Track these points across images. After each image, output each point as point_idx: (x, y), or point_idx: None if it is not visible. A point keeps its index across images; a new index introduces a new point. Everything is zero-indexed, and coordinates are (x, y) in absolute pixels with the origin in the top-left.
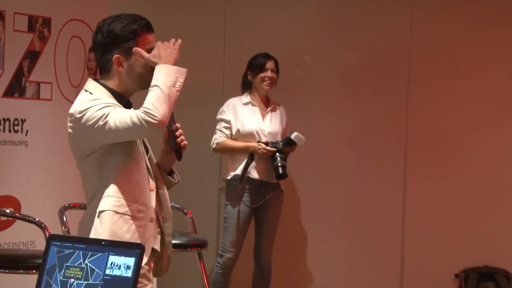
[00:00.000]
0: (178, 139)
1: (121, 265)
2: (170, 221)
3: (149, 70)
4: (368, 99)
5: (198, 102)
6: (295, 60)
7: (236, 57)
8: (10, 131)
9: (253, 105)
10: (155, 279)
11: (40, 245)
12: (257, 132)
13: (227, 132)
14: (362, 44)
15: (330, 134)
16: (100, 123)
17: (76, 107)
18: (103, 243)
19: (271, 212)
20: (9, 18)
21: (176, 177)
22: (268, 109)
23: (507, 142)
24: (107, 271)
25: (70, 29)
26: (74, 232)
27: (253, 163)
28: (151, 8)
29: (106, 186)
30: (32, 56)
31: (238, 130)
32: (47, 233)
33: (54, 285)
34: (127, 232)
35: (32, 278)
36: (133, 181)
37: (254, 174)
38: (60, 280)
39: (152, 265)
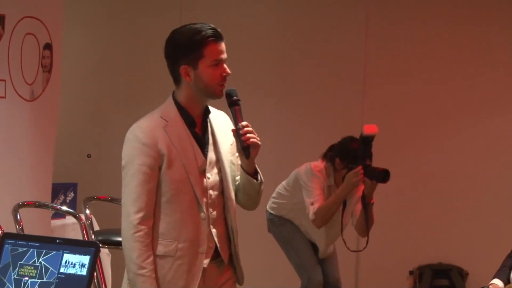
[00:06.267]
0: (243, 137)
1: (76, 263)
2: (235, 233)
3: (218, 79)
4: (323, 100)
5: (154, 101)
6: (250, 61)
7: None
8: None
9: (333, 187)
10: (109, 277)
11: None
12: None
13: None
14: (319, 49)
15: (285, 133)
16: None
17: (131, 130)
18: (57, 241)
19: None
20: None
21: (259, 177)
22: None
23: (460, 142)
24: (62, 269)
25: (24, 26)
26: (28, 231)
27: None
28: (106, 6)
29: None
30: None
31: None
32: (0, 232)
33: (8, 284)
34: (167, 273)
35: None
36: (171, 220)
37: None
38: (14, 278)
39: None
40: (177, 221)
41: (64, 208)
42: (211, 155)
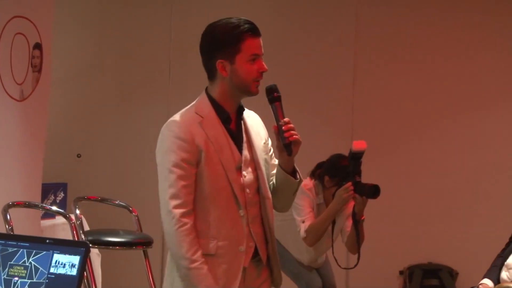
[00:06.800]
0: (286, 134)
1: (66, 263)
2: (273, 233)
3: (254, 75)
4: (312, 103)
5: (144, 101)
6: None
7: (181, 55)
8: None
9: (323, 205)
10: (99, 277)
11: None
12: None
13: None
14: (307, 44)
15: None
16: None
17: (167, 125)
18: (47, 241)
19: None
20: None
21: (298, 175)
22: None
23: (450, 141)
24: (52, 270)
25: (14, 26)
26: (18, 231)
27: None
28: (96, 5)
29: None
30: None
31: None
32: None
33: None
34: (209, 271)
35: None
36: (210, 218)
37: None
38: (4, 279)
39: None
40: (216, 218)
41: (54, 208)
42: (245, 153)
